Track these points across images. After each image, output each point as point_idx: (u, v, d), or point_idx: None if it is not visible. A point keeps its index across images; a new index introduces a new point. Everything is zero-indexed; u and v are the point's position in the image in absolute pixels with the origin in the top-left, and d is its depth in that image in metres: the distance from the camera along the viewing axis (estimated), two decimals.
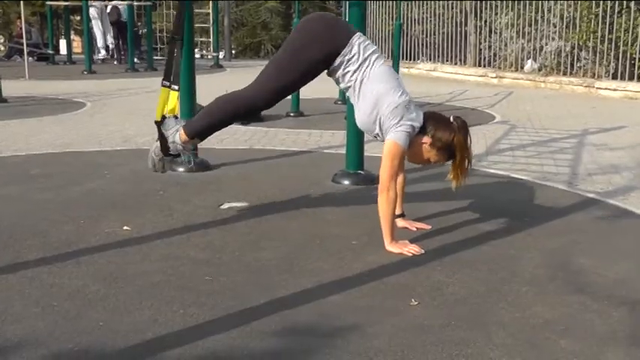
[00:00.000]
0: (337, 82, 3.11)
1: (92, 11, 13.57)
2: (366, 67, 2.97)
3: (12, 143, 5.34)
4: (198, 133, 3.18)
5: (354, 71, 2.98)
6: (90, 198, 3.69)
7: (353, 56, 2.97)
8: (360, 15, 4.10)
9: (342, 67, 2.99)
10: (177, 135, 3.16)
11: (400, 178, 3.12)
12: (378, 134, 3.02)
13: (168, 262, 2.72)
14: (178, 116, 3.28)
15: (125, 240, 2.99)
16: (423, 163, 3.11)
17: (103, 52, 14.20)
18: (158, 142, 3.21)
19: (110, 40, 14.06)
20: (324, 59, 3.01)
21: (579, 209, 3.69)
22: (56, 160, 4.72)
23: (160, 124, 3.21)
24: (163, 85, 3.26)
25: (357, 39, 3.00)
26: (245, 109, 3.18)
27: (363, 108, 2.99)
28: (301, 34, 3.10)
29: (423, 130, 2.97)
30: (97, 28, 13.86)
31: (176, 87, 3.25)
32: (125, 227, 3.16)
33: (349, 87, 3.03)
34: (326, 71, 3.09)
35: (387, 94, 2.93)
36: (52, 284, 2.48)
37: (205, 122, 3.18)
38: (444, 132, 2.96)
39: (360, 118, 3.04)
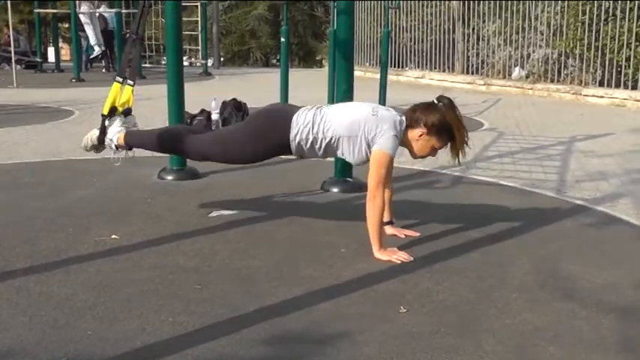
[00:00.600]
0: (322, 157, 3.16)
1: (83, 18, 13.52)
2: (320, 124, 3.00)
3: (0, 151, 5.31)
4: (135, 145, 3.43)
5: (313, 132, 3.00)
6: (79, 206, 3.67)
7: (299, 128, 3.00)
8: (348, 22, 4.12)
9: (305, 145, 3.03)
10: (116, 136, 3.39)
11: (388, 186, 3.13)
12: (368, 155, 3.02)
13: (157, 271, 2.71)
14: (131, 108, 3.45)
15: (114, 248, 2.98)
16: (431, 154, 3.10)
17: (97, 48, 14.12)
18: (98, 132, 3.43)
19: (101, 39, 13.99)
20: (274, 150, 3.13)
21: (568, 216, 3.70)
22: (44, 168, 4.70)
23: (105, 117, 3.41)
24: (116, 81, 3.42)
25: (296, 116, 3.04)
26: (181, 152, 3.56)
27: (347, 151, 3.01)
28: (251, 129, 3.17)
29: (412, 125, 2.98)
30: (89, 30, 13.80)
31: (131, 82, 3.42)
32: (114, 236, 3.14)
33: (322, 147, 3.03)
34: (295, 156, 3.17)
35: (350, 120, 2.97)
36: (40, 293, 2.46)
37: (148, 141, 3.41)
38: (434, 116, 2.97)
39: (353, 159, 3.04)
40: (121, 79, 3.42)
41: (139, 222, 3.38)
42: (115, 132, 3.39)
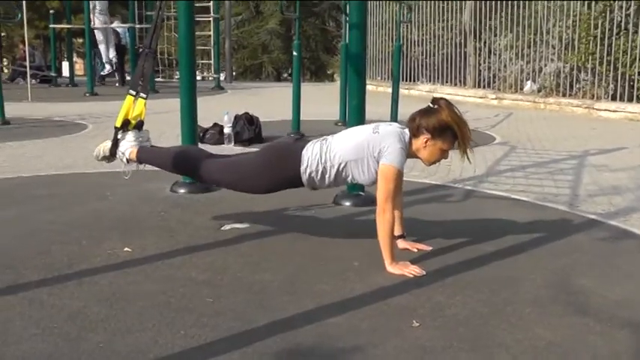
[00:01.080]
0: (319, 187, 3.16)
1: (97, 35, 13.65)
2: (327, 155, 3.02)
3: (14, 165, 5.35)
4: (147, 162, 3.48)
5: (322, 163, 3.02)
6: (92, 219, 3.69)
7: (312, 164, 3.03)
8: (360, 36, 4.13)
9: (317, 177, 3.06)
10: (128, 150, 3.42)
11: (398, 200, 3.13)
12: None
13: (169, 284, 2.71)
14: (144, 121, 3.47)
15: (127, 261, 2.99)
16: (442, 157, 3.09)
17: (107, 67, 14.25)
18: (110, 143, 3.47)
19: (113, 54, 14.11)
20: (286, 183, 3.15)
21: (581, 230, 3.69)
22: (58, 182, 4.73)
23: (118, 129, 3.44)
24: (129, 94, 3.44)
25: (306, 149, 3.06)
26: (193, 176, 3.57)
27: (359, 175, 3.02)
28: (261, 163, 3.20)
29: (417, 133, 2.99)
30: (102, 47, 13.94)
31: (144, 95, 3.45)
32: (126, 248, 3.16)
33: (333, 175, 3.05)
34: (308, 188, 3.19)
35: (354, 143, 2.99)
36: (52, 305, 2.47)
37: (161, 159, 3.46)
38: (433, 118, 2.96)
39: (366, 180, 3.05)
40: (134, 93, 3.46)
41: (151, 235, 3.39)
42: (128, 146, 3.43)
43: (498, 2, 11.25)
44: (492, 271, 2.96)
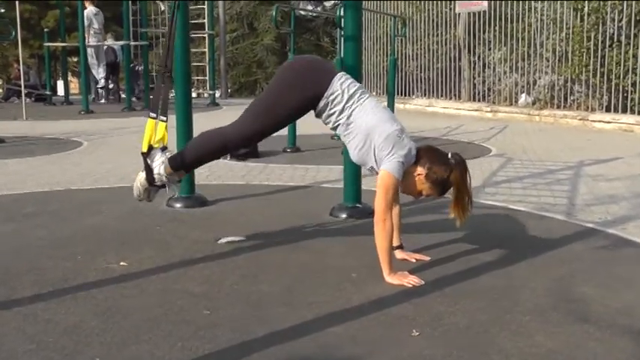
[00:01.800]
0: (325, 123, 3.12)
1: (91, 53, 13.71)
2: (353, 103, 2.97)
3: (9, 182, 5.32)
4: (182, 166, 3.23)
5: (341, 110, 2.98)
6: (87, 234, 3.67)
7: (337, 96, 2.98)
8: (355, 49, 4.13)
9: (327, 108, 3.00)
10: (162, 167, 3.19)
11: (396, 210, 3.12)
12: (373, 167, 3.01)
13: (166, 297, 2.69)
14: (167, 146, 3.28)
15: (122, 275, 2.97)
16: (415, 195, 3.08)
17: (102, 82, 14.28)
18: (144, 173, 3.24)
19: (103, 74, 14.16)
20: (307, 103, 3.03)
21: (579, 239, 3.67)
22: (53, 198, 4.70)
23: (146, 155, 3.24)
24: (151, 117, 3.26)
25: (339, 79, 3.01)
26: (227, 146, 3.25)
27: (355, 143, 2.99)
28: (283, 79, 3.11)
29: (418, 162, 2.97)
30: (94, 68, 13.99)
31: (164, 118, 3.26)
32: (122, 263, 3.13)
33: (338, 126, 3.02)
34: (313, 113, 3.10)
35: (377, 125, 2.93)
36: (47, 320, 2.44)
37: (190, 156, 3.23)
38: (440, 166, 2.95)
39: (354, 154, 3.04)
40: (154, 116, 3.25)
41: (147, 249, 3.37)
42: (159, 163, 3.22)
43: (492, 16, 11.31)
44: (491, 280, 2.94)
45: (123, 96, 14.40)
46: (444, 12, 12.29)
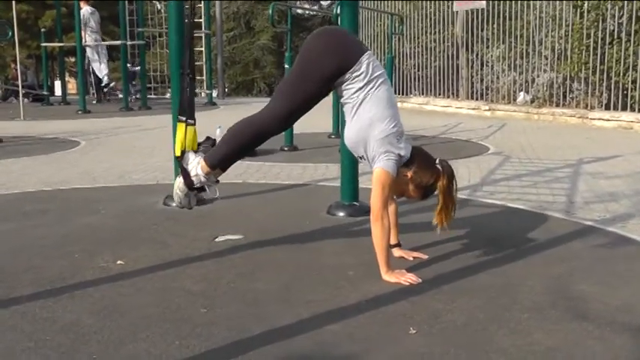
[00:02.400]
0: (339, 96, 3.06)
1: (90, 53, 13.68)
2: (370, 89, 2.93)
3: (6, 181, 5.32)
4: (219, 163, 3.13)
5: (358, 89, 2.93)
6: (84, 233, 3.66)
7: (360, 74, 2.92)
8: None
9: (348, 82, 2.94)
10: (199, 167, 3.11)
11: (392, 207, 3.11)
12: (362, 156, 3.00)
13: (163, 295, 2.68)
14: (199, 148, 3.20)
15: (120, 274, 2.96)
16: (397, 195, 3.07)
17: (106, 78, 14.24)
18: (181, 178, 3.15)
19: (106, 71, 14.11)
20: (336, 73, 2.95)
21: (578, 237, 3.66)
22: (50, 197, 4.69)
23: (180, 159, 3.15)
24: (179, 120, 3.18)
25: (367, 58, 2.96)
26: (262, 133, 3.13)
27: (355, 126, 2.96)
28: (314, 49, 3.02)
29: (407, 164, 2.95)
30: (96, 66, 13.95)
31: (192, 121, 3.18)
32: (119, 261, 3.12)
33: (348, 103, 2.98)
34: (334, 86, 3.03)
35: (381, 120, 2.91)
36: (45, 318, 2.43)
37: (224, 151, 3.12)
38: (426, 171, 2.94)
39: (349, 135, 3.00)
40: (183, 119, 3.19)
41: (144, 248, 3.36)
42: (195, 164, 3.13)
43: (490, 13, 11.30)
44: (490, 278, 2.93)
45: (120, 96, 14.38)
46: (442, 9, 12.28)
